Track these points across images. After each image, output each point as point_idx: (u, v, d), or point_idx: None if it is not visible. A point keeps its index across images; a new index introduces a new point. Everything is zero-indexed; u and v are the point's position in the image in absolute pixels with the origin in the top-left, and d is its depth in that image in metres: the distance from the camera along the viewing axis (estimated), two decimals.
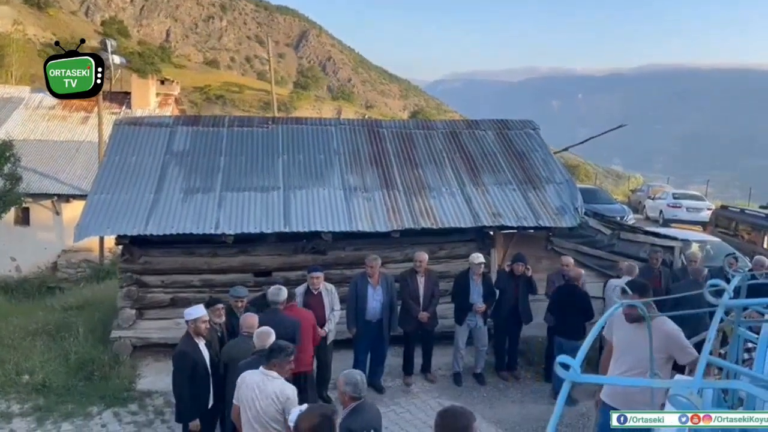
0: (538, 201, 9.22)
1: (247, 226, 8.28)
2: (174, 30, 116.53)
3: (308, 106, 66.88)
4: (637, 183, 32.65)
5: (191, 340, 5.47)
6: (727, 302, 1.25)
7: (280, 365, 4.42)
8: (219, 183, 9.00)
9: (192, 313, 5.52)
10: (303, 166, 9.50)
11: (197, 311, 5.54)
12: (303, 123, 10.70)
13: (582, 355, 1.39)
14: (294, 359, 5.78)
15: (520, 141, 10.64)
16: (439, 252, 9.16)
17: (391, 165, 9.78)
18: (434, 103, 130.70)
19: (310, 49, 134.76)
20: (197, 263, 8.66)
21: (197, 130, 10.07)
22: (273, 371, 4.39)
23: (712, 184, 44.41)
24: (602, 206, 17.17)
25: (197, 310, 5.56)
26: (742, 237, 14.42)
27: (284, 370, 4.45)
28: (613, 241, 9.40)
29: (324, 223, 8.46)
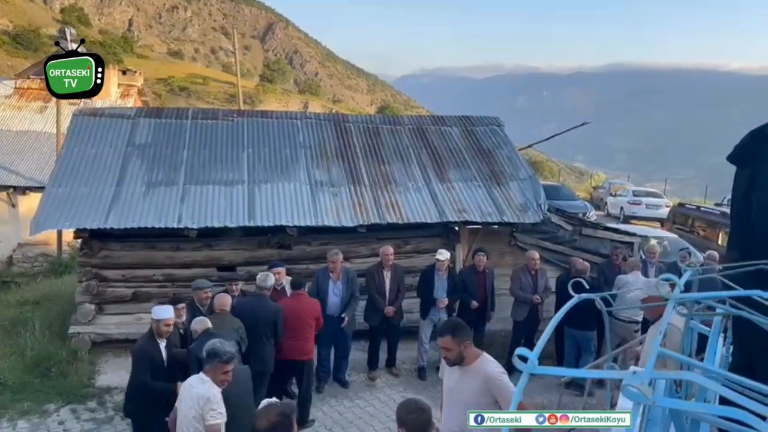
0: (503, 197, 9.33)
1: (211, 220, 8.18)
2: (137, 19, 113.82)
3: (274, 100, 66.17)
4: (599, 180, 33.33)
5: (152, 337, 5.38)
6: (678, 296, 1.29)
7: (213, 371, 4.21)
8: (182, 176, 8.86)
9: (159, 312, 5.41)
10: (268, 160, 9.42)
11: (165, 313, 5.41)
12: (269, 116, 10.60)
13: (540, 348, 1.42)
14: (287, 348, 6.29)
15: (485, 137, 10.75)
16: (404, 247, 9.21)
17: (357, 160, 9.77)
18: (402, 98, 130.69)
19: (277, 42, 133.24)
20: (159, 258, 8.53)
21: (160, 123, 9.89)
22: (207, 376, 4.23)
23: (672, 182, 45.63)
24: (564, 203, 17.47)
25: (165, 312, 5.43)
26: (698, 233, 14.85)
27: (218, 376, 4.21)
28: (575, 236, 9.58)
29: (289, 217, 8.42)
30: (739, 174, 2.98)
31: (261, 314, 6.14)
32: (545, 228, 9.44)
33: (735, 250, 2.98)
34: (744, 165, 2.90)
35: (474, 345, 8.34)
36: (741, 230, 2.92)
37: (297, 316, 6.45)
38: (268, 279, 6.46)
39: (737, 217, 3.00)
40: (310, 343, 6.64)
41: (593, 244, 9.66)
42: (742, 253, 2.86)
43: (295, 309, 6.48)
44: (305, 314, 6.52)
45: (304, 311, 6.54)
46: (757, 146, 2.85)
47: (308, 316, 6.54)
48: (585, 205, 19.22)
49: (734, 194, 3.07)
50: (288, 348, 6.44)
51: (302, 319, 6.49)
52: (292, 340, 6.42)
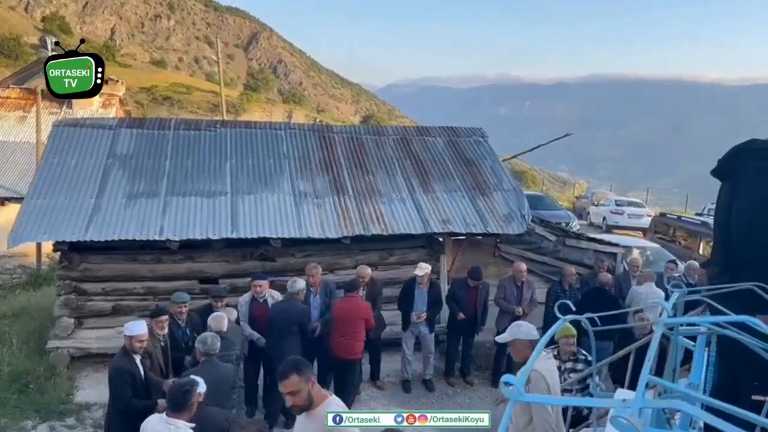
0: (487, 208, 9.34)
1: (193, 231, 8.09)
2: (119, 28, 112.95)
3: (258, 109, 65.88)
4: (581, 189, 33.63)
5: (127, 354, 5.24)
6: (666, 321, 1.27)
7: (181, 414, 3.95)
8: (164, 187, 8.76)
9: (131, 329, 5.24)
10: (252, 171, 9.35)
11: (136, 329, 5.23)
12: (252, 127, 10.54)
13: (525, 374, 1.39)
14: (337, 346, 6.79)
15: (469, 148, 10.77)
16: (389, 258, 9.18)
17: (341, 170, 9.73)
18: (386, 107, 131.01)
19: (261, 51, 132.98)
20: (140, 270, 8.40)
21: (142, 133, 9.78)
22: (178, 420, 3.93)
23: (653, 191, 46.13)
24: (548, 212, 17.59)
25: (136, 328, 5.25)
26: (679, 243, 14.98)
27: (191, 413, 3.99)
28: (558, 247, 9.62)
29: (273, 229, 8.34)
30: (722, 188, 3.02)
31: (288, 316, 6.66)
32: (529, 239, 9.47)
33: (715, 265, 3.01)
34: (725, 179, 2.95)
35: (462, 356, 8.40)
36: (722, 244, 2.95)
37: (348, 316, 6.89)
38: (296, 284, 6.96)
39: (719, 230, 3.03)
40: (359, 343, 7.03)
41: (577, 255, 9.70)
42: (722, 268, 2.88)
43: (347, 310, 6.93)
44: (355, 316, 6.92)
45: (356, 312, 6.94)
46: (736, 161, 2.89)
47: (359, 318, 6.94)
48: (568, 214, 19.34)
49: (717, 208, 3.11)
50: (338, 346, 6.88)
51: (353, 320, 6.91)
52: (343, 339, 6.88)
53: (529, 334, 4.19)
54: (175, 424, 3.89)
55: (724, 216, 2.90)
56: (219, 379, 5.03)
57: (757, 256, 2.74)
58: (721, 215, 2.96)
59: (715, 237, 3.12)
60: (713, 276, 3.13)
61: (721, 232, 2.96)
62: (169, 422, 3.92)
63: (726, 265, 2.90)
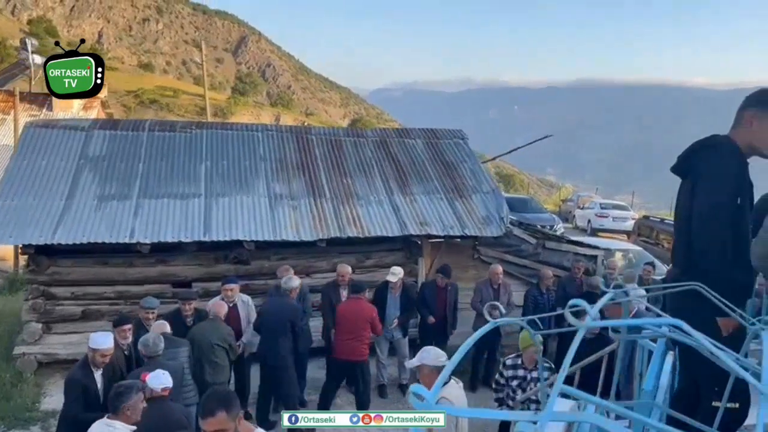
0: (465, 210, 9.24)
1: (165, 234, 7.92)
2: (107, 31, 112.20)
3: (246, 112, 65.62)
4: (567, 193, 33.68)
5: (87, 367, 5.07)
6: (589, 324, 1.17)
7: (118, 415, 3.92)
8: (136, 189, 8.59)
9: (96, 341, 5.07)
10: (227, 173, 9.20)
11: (101, 342, 5.07)
12: (228, 128, 10.40)
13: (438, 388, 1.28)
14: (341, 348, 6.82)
15: (449, 150, 10.68)
16: (366, 261, 9.06)
17: (318, 172, 9.61)
18: (374, 111, 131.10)
19: (250, 55, 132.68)
20: (111, 274, 8.22)
21: (115, 134, 9.60)
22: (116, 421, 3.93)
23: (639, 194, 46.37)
24: (533, 215, 17.58)
25: (101, 341, 5.09)
26: (662, 245, 14.99)
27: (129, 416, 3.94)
28: (538, 250, 9.54)
29: (246, 231, 8.20)
30: (683, 186, 2.93)
31: (281, 313, 6.62)
32: (508, 241, 9.38)
33: (675, 267, 2.91)
34: (685, 175, 2.85)
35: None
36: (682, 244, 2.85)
37: (353, 318, 6.85)
38: (290, 282, 6.88)
39: (679, 231, 2.93)
40: (365, 345, 6.96)
41: (557, 258, 9.63)
42: (682, 269, 2.78)
43: (351, 311, 6.89)
44: (361, 317, 6.86)
45: (361, 314, 6.87)
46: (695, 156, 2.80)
47: (363, 320, 6.86)
48: (552, 217, 19.32)
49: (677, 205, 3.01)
50: (342, 348, 6.87)
51: (358, 321, 6.84)
52: (348, 341, 6.84)
53: (437, 359, 4.07)
54: (113, 425, 3.91)
55: (685, 212, 2.80)
56: None
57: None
58: (682, 212, 2.86)
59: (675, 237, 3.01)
60: (674, 278, 3.03)
61: (681, 231, 2.86)
62: (108, 424, 3.94)
63: (687, 266, 2.80)
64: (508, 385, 5.41)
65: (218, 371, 6.16)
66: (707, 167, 2.69)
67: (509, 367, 5.46)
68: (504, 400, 5.50)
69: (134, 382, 4.16)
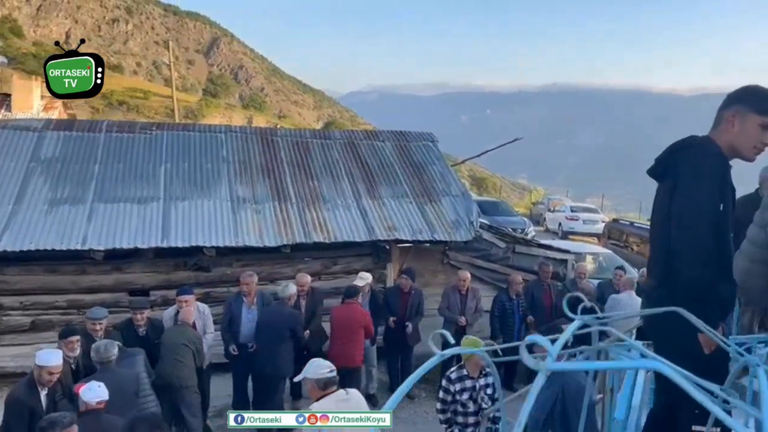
0: (434, 214, 9.04)
1: (120, 240, 7.56)
2: (74, 32, 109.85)
3: (218, 114, 64.89)
4: (538, 196, 33.79)
5: (32, 385, 4.70)
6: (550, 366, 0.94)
7: None
8: (91, 193, 8.20)
9: (43, 358, 4.73)
10: (187, 176, 8.85)
11: (49, 359, 4.72)
12: (190, 129, 10.03)
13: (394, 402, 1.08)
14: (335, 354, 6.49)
15: (418, 153, 10.47)
16: (332, 267, 8.80)
17: (284, 175, 9.31)
18: (348, 114, 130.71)
19: (222, 57, 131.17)
20: (62, 282, 7.81)
21: (70, 135, 9.18)
22: None
23: (609, 197, 46.90)
24: (503, 218, 17.49)
25: (49, 357, 4.74)
26: (632, 249, 15.00)
27: None
28: (508, 254, 9.38)
29: (207, 237, 7.87)
30: (660, 189, 2.71)
31: (278, 320, 6.55)
32: (478, 245, 9.20)
33: (652, 278, 2.69)
34: (663, 178, 2.63)
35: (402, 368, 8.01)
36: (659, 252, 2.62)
37: (346, 323, 6.78)
38: (287, 289, 6.84)
39: (655, 238, 2.71)
40: (358, 351, 6.90)
41: (527, 262, 9.48)
42: (659, 281, 2.57)
43: (344, 317, 6.82)
44: (354, 322, 6.81)
45: (354, 319, 6.82)
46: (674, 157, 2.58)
47: (357, 325, 6.82)
48: (523, 221, 19.24)
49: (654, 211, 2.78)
50: (336, 354, 6.60)
51: (351, 326, 6.78)
52: (341, 346, 6.74)
53: (317, 372, 3.93)
54: None
55: (662, 217, 2.57)
56: (117, 387, 4.72)
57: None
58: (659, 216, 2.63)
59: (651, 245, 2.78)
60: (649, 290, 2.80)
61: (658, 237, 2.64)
62: None
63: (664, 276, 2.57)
64: (457, 400, 5.11)
65: (183, 372, 5.90)
66: (688, 168, 2.45)
67: (455, 381, 5.11)
68: (452, 420, 5.11)
69: (61, 417, 3.76)
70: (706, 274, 2.30)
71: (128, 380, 5.04)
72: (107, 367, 4.94)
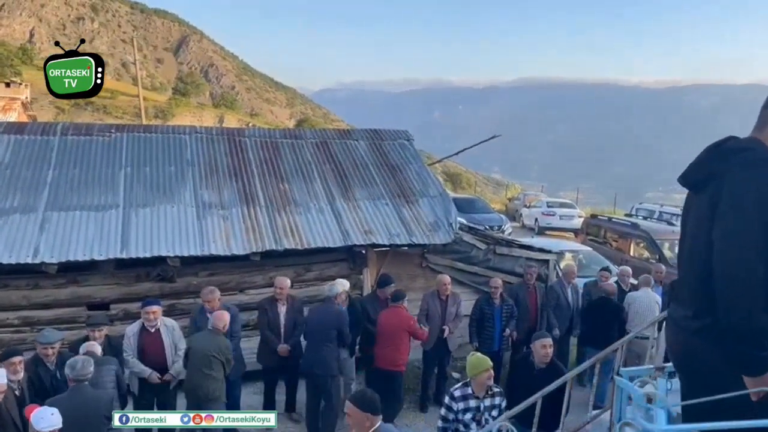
0: (412, 216, 8.65)
1: (75, 252, 7.00)
2: (39, 30, 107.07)
3: (188, 113, 63.75)
4: (515, 191, 33.68)
5: None
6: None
7: None
8: (43, 201, 7.62)
9: None
10: (149, 180, 8.32)
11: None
12: (152, 131, 9.47)
13: None
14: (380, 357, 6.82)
15: (393, 152, 10.07)
16: (306, 274, 8.35)
17: (253, 178, 8.83)
18: (321, 111, 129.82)
19: (191, 55, 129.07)
20: (12, 298, 7.22)
21: (21, 139, 8.57)
22: None
23: (582, 191, 47.13)
24: (480, 216, 17.21)
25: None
26: (610, 245, 14.81)
27: None
28: (489, 256, 9.03)
29: (170, 246, 7.36)
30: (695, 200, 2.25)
31: (325, 320, 6.58)
32: (458, 248, 8.84)
33: (679, 304, 2.27)
34: (702, 188, 2.18)
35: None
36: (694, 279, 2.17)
37: (391, 327, 6.79)
38: (333, 288, 6.84)
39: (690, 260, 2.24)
40: (403, 355, 6.91)
41: (508, 263, 9.15)
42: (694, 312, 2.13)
43: (390, 320, 6.82)
44: (399, 327, 6.79)
45: (399, 323, 6.79)
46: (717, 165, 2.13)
47: (402, 329, 6.80)
48: (500, 218, 18.99)
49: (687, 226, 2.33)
50: (381, 357, 6.84)
51: (395, 331, 6.78)
52: (386, 349, 6.81)
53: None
54: None
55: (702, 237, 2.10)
56: (86, 407, 4.41)
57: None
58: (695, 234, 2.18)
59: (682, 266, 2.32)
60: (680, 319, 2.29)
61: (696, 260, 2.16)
62: None
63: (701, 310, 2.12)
64: (459, 420, 4.77)
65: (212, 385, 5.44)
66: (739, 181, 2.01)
67: (458, 399, 4.80)
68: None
69: None
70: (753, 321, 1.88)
71: (101, 402, 4.54)
72: (81, 386, 4.51)
